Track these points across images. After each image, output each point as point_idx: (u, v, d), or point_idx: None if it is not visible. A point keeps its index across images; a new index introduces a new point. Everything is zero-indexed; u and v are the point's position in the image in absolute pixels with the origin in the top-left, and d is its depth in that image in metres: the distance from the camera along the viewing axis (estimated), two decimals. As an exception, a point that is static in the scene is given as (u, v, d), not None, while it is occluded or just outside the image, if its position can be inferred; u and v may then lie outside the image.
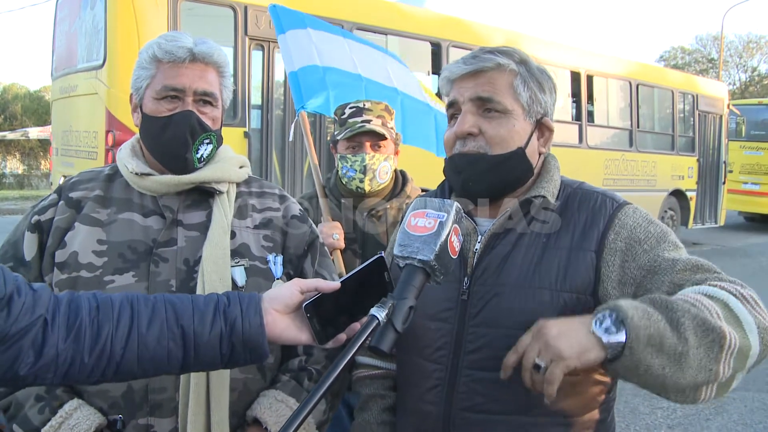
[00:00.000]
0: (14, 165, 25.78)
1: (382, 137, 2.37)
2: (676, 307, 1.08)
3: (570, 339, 1.07)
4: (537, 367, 1.08)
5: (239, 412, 1.45)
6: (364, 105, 2.40)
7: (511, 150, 1.35)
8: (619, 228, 1.31)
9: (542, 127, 1.41)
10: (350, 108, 2.41)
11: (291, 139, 5.64)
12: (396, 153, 2.47)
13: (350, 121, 2.38)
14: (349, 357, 0.98)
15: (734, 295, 1.15)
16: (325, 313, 1.16)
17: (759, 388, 5.33)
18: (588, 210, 1.35)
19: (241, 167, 1.62)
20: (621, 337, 1.05)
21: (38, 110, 26.34)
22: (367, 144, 2.37)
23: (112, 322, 1.11)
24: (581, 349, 1.06)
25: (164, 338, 1.12)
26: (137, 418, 1.38)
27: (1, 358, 1.02)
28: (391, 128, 2.43)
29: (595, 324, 1.07)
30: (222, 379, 1.40)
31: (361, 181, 2.37)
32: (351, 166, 2.37)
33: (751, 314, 1.13)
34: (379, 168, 2.37)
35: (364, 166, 2.35)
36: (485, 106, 1.34)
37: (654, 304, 1.10)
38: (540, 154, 1.42)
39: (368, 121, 2.36)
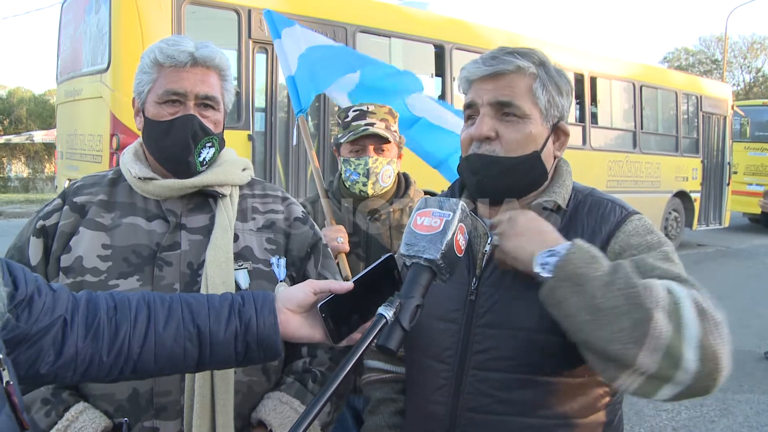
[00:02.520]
0: (19, 168, 25.88)
1: (386, 140, 2.37)
2: (623, 273, 1.11)
3: (520, 242, 1.20)
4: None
5: (244, 414, 1.46)
6: (368, 108, 2.40)
7: (526, 153, 1.35)
8: (619, 233, 1.32)
9: (558, 131, 1.40)
10: (354, 111, 2.41)
11: (295, 143, 5.66)
12: (399, 156, 2.47)
13: (353, 124, 2.38)
14: (358, 355, 0.99)
15: (695, 305, 1.09)
16: (338, 313, 1.18)
17: (764, 390, 5.31)
18: (597, 216, 1.36)
19: (243, 170, 1.62)
20: (548, 275, 1.14)
21: (43, 114, 26.43)
22: (371, 147, 2.37)
23: (129, 321, 1.13)
24: (517, 257, 1.21)
25: (180, 337, 1.15)
26: (143, 420, 1.38)
27: (22, 357, 1.04)
28: (395, 131, 2.43)
29: (541, 254, 1.17)
30: (227, 381, 1.41)
31: (365, 184, 2.37)
32: (354, 169, 2.37)
33: (700, 328, 1.07)
34: (382, 171, 2.37)
35: (368, 170, 2.35)
36: (504, 110, 1.34)
37: (613, 263, 1.15)
38: (555, 158, 1.42)
39: (372, 124, 2.36)
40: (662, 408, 4.92)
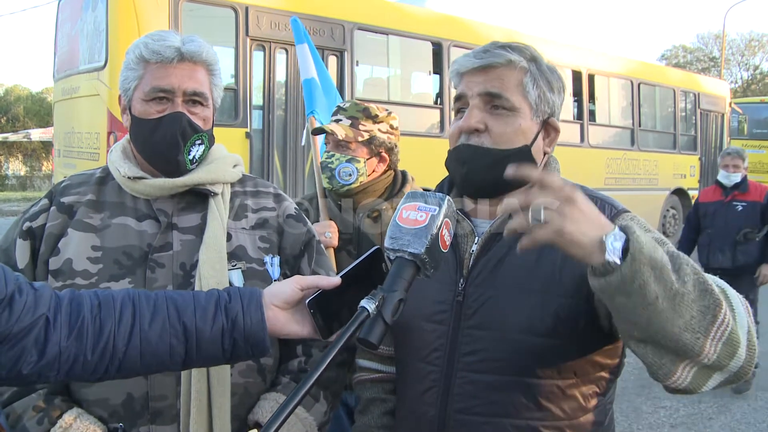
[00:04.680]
0: (17, 166, 25.86)
1: (341, 138, 2.30)
2: (681, 259, 1.06)
3: (581, 226, 1.01)
4: (536, 219, 1.01)
5: (240, 416, 1.44)
6: (344, 105, 2.40)
7: (516, 146, 1.33)
8: None
9: (548, 127, 1.39)
10: (337, 106, 2.45)
11: (303, 143, 5.67)
12: (383, 159, 2.38)
13: (331, 118, 2.41)
14: (339, 346, 0.97)
15: (732, 293, 1.12)
16: (327, 308, 1.17)
17: (762, 386, 5.32)
18: None
19: (234, 166, 1.59)
20: (618, 260, 1.01)
21: (40, 112, 26.41)
22: (331, 142, 2.36)
23: (114, 319, 1.11)
24: (580, 243, 1.01)
25: (166, 335, 1.13)
26: (138, 426, 1.36)
27: (4, 358, 1.02)
28: (367, 131, 2.34)
29: (608, 239, 1.01)
30: (223, 384, 1.39)
31: (322, 176, 2.37)
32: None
33: (746, 315, 1.10)
34: (338, 168, 2.30)
35: (321, 163, 2.35)
36: (493, 102, 1.32)
37: (662, 246, 1.07)
38: (545, 154, 1.41)
39: (338, 121, 2.34)
40: (660, 405, 4.93)
